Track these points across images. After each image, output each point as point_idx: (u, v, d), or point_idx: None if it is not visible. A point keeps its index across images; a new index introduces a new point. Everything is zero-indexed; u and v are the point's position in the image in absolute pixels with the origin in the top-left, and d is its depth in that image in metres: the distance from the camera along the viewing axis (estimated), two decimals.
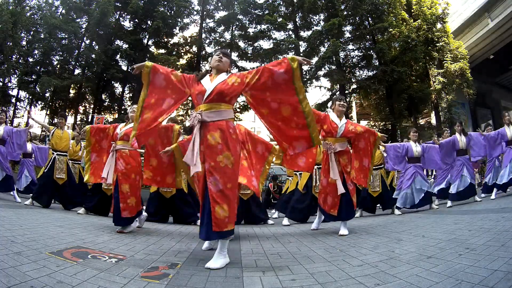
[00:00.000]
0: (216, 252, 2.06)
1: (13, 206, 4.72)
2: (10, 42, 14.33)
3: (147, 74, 2.39)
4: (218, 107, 2.16)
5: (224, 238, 2.07)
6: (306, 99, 2.22)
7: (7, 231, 2.51)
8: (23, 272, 1.57)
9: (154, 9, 16.05)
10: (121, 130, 3.56)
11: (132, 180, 3.37)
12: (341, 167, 3.40)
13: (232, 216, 2.04)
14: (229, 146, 2.07)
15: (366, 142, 3.54)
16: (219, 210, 1.98)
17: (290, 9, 17.31)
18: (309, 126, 2.23)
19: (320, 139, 2.25)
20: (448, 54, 16.66)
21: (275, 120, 2.29)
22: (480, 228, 2.71)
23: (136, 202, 3.39)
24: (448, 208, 5.28)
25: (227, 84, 2.19)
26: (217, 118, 2.13)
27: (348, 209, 3.34)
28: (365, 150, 3.53)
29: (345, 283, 1.61)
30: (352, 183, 3.40)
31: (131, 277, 1.68)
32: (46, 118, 16.66)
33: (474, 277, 1.49)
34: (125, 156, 3.41)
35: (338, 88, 16.94)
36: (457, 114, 17.19)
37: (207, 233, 2.02)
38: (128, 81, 16.78)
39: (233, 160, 2.06)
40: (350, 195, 3.34)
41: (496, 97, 24.32)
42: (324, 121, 3.45)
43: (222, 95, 2.16)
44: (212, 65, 2.35)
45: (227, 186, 2.01)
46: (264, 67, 2.24)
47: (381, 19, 15.71)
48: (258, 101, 2.28)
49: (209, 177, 2.03)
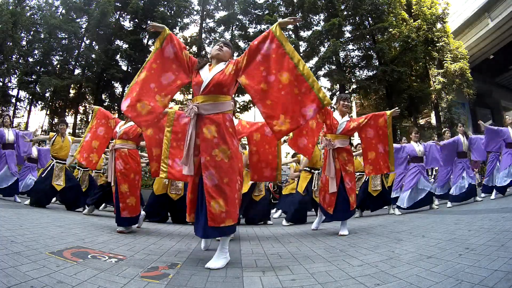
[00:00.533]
0: (217, 251, 2.05)
1: (13, 206, 4.72)
2: (10, 42, 14.33)
3: (162, 39, 2.33)
4: (215, 98, 2.11)
5: (224, 235, 2.01)
6: (301, 61, 2.08)
7: (7, 231, 2.51)
8: (23, 272, 1.57)
9: (154, 9, 16.05)
10: (120, 128, 3.53)
11: (131, 180, 3.34)
12: (340, 165, 3.31)
13: (231, 211, 1.96)
14: (225, 139, 2.02)
15: (375, 129, 3.42)
16: (214, 204, 1.93)
17: (290, 9, 17.30)
18: (312, 87, 2.03)
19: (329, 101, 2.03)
20: (448, 54, 16.67)
21: (277, 93, 2.08)
22: (480, 228, 2.71)
23: (136, 202, 3.37)
24: (448, 208, 5.28)
25: (224, 75, 2.13)
26: (213, 111, 2.08)
27: (344, 209, 3.26)
28: (377, 137, 3.41)
29: (345, 283, 1.61)
30: (350, 182, 3.29)
31: (131, 277, 1.68)
32: (46, 118, 16.69)
33: (474, 277, 1.49)
34: (124, 155, 3.39)
35: (338, 88, 16.94)
36: (457, 114, 17.21)
37: (204, 229, 1.97)
38: (128, 81, 16.76)
39: (230, 154, 2.00)
40: (347, 194, 3.25)
41: (496, 97, 24.34)
42: (328, 116, 3.42)
43: (220, 86, 2.11)
44: (212, 54, 2.29)
45: (224, 181, 1.96)
46: (250, 44, 2.17)
47: (381, 19, 15.70)
48: (253, 79, 2.12)
49: (204, 171, 1.99)
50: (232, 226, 2.01)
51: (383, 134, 3.41)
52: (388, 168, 3.42)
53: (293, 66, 2.05)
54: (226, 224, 1.95)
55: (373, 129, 3.44)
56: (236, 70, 2.16)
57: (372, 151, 3.43)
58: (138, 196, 3.43)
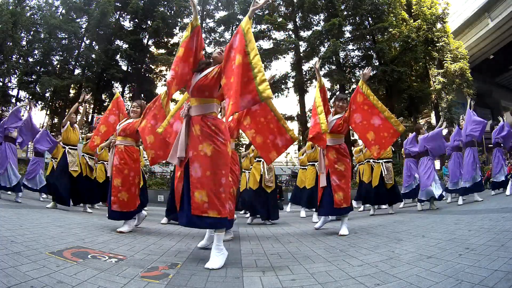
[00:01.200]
0: (212, 248, 2.07)
1: (13, 206, 4.72)
2: (10, 42, 14.34)
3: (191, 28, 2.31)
4: (199, 101, 2.24)
5: (209, 227, 2.11)
6: (254, 51, 2.02)
7: (7, 231, 2.51)
8: (23, 272, 1.57)
9: (154, 9, 16.07)
10: (120, 126, 3.60)
11: (124, 175, 3.37)
12: (329, 162, 3.33)
13: (213, 203, 2.03)
14: (207, 137, 2.13)
15: (359, 110, 3.30)
16: (197, 195, 2.04)
17: (290, 9, 17.32)
18: (255, 78, 1.96)
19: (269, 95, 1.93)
20: (448, 54, 16.69)
21: (230, 72, 2.10)
22: (480, 228, 2.71)
23: (129, 198, 3.36)
24: (448, 208, 5.28)
25: (207, 79, 2.22)
26: (198, 113, 2.22)
27: (327, 205, 3.29)
28: (366, 115, 3.28)
29: (345, 283, 1.61)
30: (337, 180, 3.25)
31: (131, 277, 1.68)
32: (46, 118, 16.69)
33: (474, 277, 1.49)
34: (120, 151, 3.46)
35: (338, 88, 16.95)
36: (457, 114, 17.20)
37: (187, 217, 2.06)
38: (128, 81, 16.79)
39: (212, 150, 2.10)
40: (332, 191, 3.28)
41: (496, 97, 24.35)
42: (327, 113, 3.41)
43: (201, 90, 2.23)
44: (212, 56, 2.41)
45: (206, 174, 2.07)
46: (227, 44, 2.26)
47: (381, 19, 15.71)
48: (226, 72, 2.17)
49: (191, 164, 2.13)
50: (216, 219, 2.03)
51: (368, 107, 3.27)
52: (396, 132, 3.18)
53: (245, 51, 2.04)
54: (209, 215, 2.02)
55: (359, 112, 3.31)
56: (219, 72, 2.24)
57: (371, 130, 3.25)
58: (134, 193, 3.44)
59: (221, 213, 2.04)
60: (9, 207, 4.48)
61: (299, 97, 17.00)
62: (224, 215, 2.06)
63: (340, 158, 3.33)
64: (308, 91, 17.14)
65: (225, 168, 2.12)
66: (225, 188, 2.09)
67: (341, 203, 3.25)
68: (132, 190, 3.42)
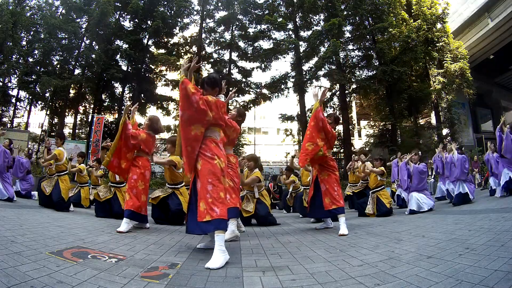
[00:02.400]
0: (214, 249, 2.09)
1: (13, 206, 4.72)
2: (10, 42, 14.32)
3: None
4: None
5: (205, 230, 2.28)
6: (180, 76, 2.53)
7: (7, 231, 2.51)
8: (23, 272, 1.57)
9: (154, 9, 16.04)
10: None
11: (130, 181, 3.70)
12: (317, 172, 3.85)
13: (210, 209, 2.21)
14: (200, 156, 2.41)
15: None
16: (201, 204, 2.25)
17: (290, 9, 17.29)
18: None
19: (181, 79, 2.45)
20: (448, 54, 16.68)
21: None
22: (480, 228, 2.72)
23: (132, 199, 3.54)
24: (448, 208, 5.28)
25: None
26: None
27: (317, 208, 3.73)
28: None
29: (345, 283, 1.61)
30: (326, 186, 3.64)
31: (131, 277, 1.68)
32: (46, 118, 16.70)
33: (474, 277, 1.49)
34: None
35: (338, 88, 16.94)
36: (457, 114, 17.22)
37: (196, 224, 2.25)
38: (128, 81, 16.77)
39: (201, 164, 2.37)
40: (321, 195, 3.66)
41: (496, 97, 24.36)
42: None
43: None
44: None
45: (200, 185, 2.32)
46: None
47: (381, 19, 15.68)
48: None
49: (196, 178, 2.40)
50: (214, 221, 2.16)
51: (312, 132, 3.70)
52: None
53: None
54: (205, 219, 2.19)
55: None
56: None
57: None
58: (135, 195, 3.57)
59: (213, 216, 2.18)
60: (9, 207, 4.49)
61: (299, 97, 16.98)
62: (215, 217, 2.18)
63: (324, 168, 3.75)
64: (308, 91, 17.13)
65: (211, 177, 2.29)
66: (211, 194, 2.24)
67: (329, 206, 3.57)
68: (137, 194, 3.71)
